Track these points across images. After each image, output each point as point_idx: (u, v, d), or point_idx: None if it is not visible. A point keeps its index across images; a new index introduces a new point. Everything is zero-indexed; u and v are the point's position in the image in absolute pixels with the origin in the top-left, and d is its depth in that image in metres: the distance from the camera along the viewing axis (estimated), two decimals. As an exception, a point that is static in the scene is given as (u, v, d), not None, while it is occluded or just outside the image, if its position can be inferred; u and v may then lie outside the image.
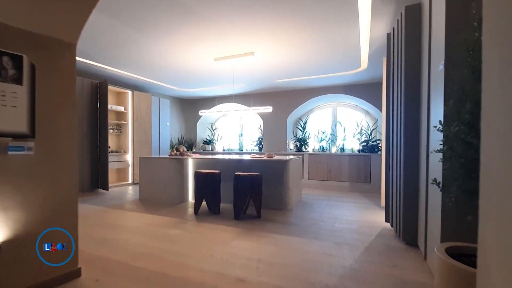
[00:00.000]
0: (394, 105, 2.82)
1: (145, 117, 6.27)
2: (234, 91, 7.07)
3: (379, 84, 5.95)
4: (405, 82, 2.42)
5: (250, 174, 3.24)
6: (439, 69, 1.68)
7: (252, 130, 7.99)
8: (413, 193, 2.37)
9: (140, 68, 5.10)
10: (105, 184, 5.13)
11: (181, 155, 4.48)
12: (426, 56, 2.09)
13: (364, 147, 6.37)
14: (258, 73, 5.30)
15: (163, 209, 3.77)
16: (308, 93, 6.73)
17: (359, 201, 4.33)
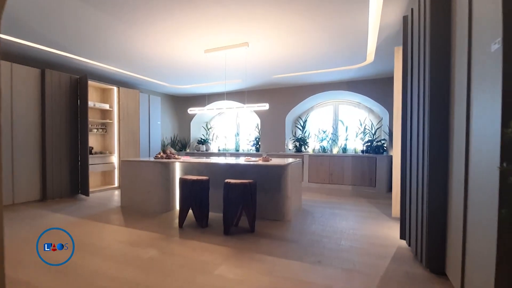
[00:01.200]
0: (413, 102, 2.37)
1: (132, 115, 5.80)
2: (227, 88, 6.60)
3: (385, 79, 5.50)
4: (431, 72, 1.97)
5: (242, 182, 2.79)
6: (493, 48, 1.23)
7: (249, 129, 7.53)
8: (440, 206, 1.93)
9: (124, 62, 4.63)
10: (85, 189, 4.68)
11: (168, 157, 4.02)
12: (463, 38, 1.64)
13: (368, 147, 5.92)
14: (254, 67, 4.83)
15: (144, 221, 3.32)
16: (308, 89, 6.27)
17: (366, 209, 3.89)
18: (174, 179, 3.96)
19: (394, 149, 3.32)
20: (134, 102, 5.83)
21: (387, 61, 4.46)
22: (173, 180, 3.93)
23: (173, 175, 3.96)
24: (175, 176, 3.98)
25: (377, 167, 5.29)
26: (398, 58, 3.27)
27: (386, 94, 5.56)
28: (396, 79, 3.32)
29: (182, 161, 3.62)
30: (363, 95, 5.78)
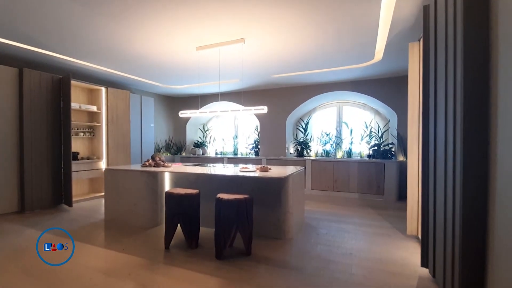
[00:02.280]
0: (437, 104, 1.99)
1: (122, 117, 5.42)
2: (223, 88, 6.21)
3: (394, 79, 5.13)
4: (464, 70, 1.58)
5: (236, 198, 2.41)
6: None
7: (248, 131, 7.15)
8: (479, 229, 1.55)
9: (112, 60, 4.24)
10: (68, 199, 4.30)
11: (157, 165, 3.64)
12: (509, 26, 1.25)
13: (374, 152, 5.54)
14: (251, 66, 4.45)
15: (126, 239, 2.94)
16: (310, 90, 5.89)
17: (376, 224, 3.51)
18: (163, 190, 3.58)
19: (410, 156, 2.93)
20: (124, 104, 5.45)
21: (396, 59, 4.08)
22: (162, 191, 3.55)
23: (162, 186, 3.58)
24: (164, 187, 3.60)
25: (385, 174, 4.91)
26: (413, 55, 2.89)
27: (395, 95, 5.18)
28: (411, 78, 2.93)
29: (171, 170, 3.24)
30: (369, 95, 5.40)
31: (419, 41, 2.84)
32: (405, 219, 3.64)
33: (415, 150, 2.87)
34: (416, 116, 2.85)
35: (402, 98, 5.09)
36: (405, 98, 5.17)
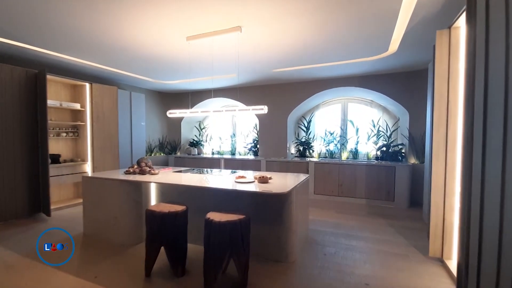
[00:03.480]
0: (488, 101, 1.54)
1: (109, 115, 4.97)
2: (217, 84, 5.74)
3: (407, 74, 4.67)
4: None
5: (229, 221, 1.98)
6: None
7: (247, 129, 6.70)
8: None
9: (93, 53, 3.77)
10: (46, 207, 3.88)
11: (142, 172, 3.21)
12: None
13: (383, 153, 5.11)
14: (249, 59, 3.99)
15: (103, 261, 2.53)
16: (314, 86, 5.42)
17: (390, 240, 3.10)
18: (148, 201, 3.15)
19: (435, 163, 2.48)
20: (111, 100, 4.98)
21: (412, 51, 3.62)
22: (147, 203, 3.13)
23: (147, 197, 3.16)
24: (150, 198, 3.18)
25: (395, 178, 4.49)
26: (441, 45, 2.43)
27: (407, 92, 4.73)
28: (438, 73, 2.47)
29: (155, 180, 2.81)
30: (378, 92, 4.94)
31: (449, 28, 2.38)
32: (421, 232, 3.25)
33: (442, 156, 2.43)
34: (444, 117, 2.41)
35: (416, 95, 4.64)
36: (419, 94, 4.73)
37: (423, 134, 4.56)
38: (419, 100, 4.60)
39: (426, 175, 3.59)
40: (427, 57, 3.80)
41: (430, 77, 3.47)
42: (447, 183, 2.41)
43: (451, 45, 2.37)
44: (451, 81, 2.35)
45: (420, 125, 4.64)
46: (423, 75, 4.50)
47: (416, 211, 4.20)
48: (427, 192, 3.34)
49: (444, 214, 2.45)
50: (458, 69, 2.34)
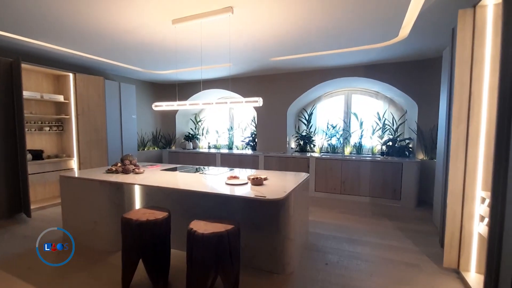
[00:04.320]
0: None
1: (95, 108, 4.65)
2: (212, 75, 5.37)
3: (417, 63, 4.31)
4: None
5: (215, 233, 1.69)
6: None
7: (245, 122, 6.38)
8: None
9: (72, 39, 3.42)
10: (26, 207, 3.61)
11: (125, 171, 2.91)
12: None
13: (389, 148, 4.80)
14: (244, 46, 3.63)
15: (79, 272, 2.26)
16: (315, 76, 5.07)
17: (399, 246, 2.82)
18: (132, 204, 2.87)
19: (454, 163, 2.16)
20: (97, 92, 4.65)
21: (426, 36, 3.26)
22: (130, 205, 2.84)
23: (130, 199, 2.87)
24: (133, 201, 2.89)
25: (403, 175, 4.18)
26: (464, 26, 2.08)
27: (416, 82, 4.37)
28: (460, 58, 2.12)
29: (136, 182, 2.51)
30: (384, 82, 4.58)
31: (473, 7, 2.03)
32: (432, 236, 2.97)
33: (461, 156, 2.12)
34: (466, 110, 2.08)
35: (426, 86, 4.29)
36: (430, 85, 4.29)
37: (433, 128, 4.24)
38: (430, 91, 4.25)
39: (438, 174, 3.29)
40: (441, 43, 3.44)
41: (445, 65, 3.12)
42: (466, 187, 2.10)
43: (476, 26, 2.03)
44: (475, 68, 2.02)
45: (430, 118, 4.30)
46: (435, 64, 4.14)
47: (424, 211, 3.91)
48: (440, 192, 3.04)
49: (462, 222, 2.16)
50: (484, 55, 2.00)
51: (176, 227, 2.22)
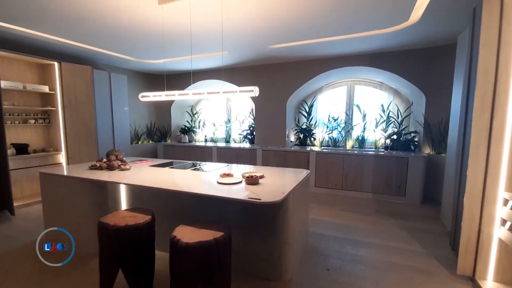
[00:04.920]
0: None
1: (83, 100, 4.39)
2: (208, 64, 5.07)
3: (427, 50, 4.05)
4: None
5: (201, 243, 1.46)
6: None
7: (243, 114, 6.12)
8: None
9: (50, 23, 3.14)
10: (9, 204, 3.40)
11: (110, 167, 2.68)
12: None
13: (393, 142, 4.56)
14: (240, 31, 3.35)
15: (57, 277, 2.06)
16: (317, 66, 4.78)
17: (404, 247, 2.62)
18: (117, 204, 2.65)
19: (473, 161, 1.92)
20: (85, 82, 4.38)
21: (439, 20, 2.98)
22: (115, 205, 2.62)
23: (115, 198, 2.65)
24: (119, 201, 2.67)
25: (408, 171, 3.96)
26: (490, 4, 1.81)
27: (424, 71, 4.10)
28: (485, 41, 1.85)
29: (116, 181, 2.28)
30: (390, 72, 4.31)
31: (502, -20, 1.76)
32: (441, 237, 2.77)
33: (483, 152, 1.89)
34: (490, 99, 1.83)
35: (435, 76, 4.03)
36: (440, 75, 3.90)
37: (442, 121, 3.99)
38: (439, 81, 3.98)
39: (448, 170, 3.06)
40: (455, 28, 3.16)
41: (460, 52, 2.86)
42: (487, 187, 1.88)
43: (504, 4, 1.76)
44: (502, 51, 1.76)
45: (438, 110, 4.05)
46: (446, 51, 3.86)
47: (430, 209, 3.70)
48: (450, 191, 2.83)
49: (481, 225, 1.94)
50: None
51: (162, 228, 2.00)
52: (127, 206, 2.65)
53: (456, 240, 2.35)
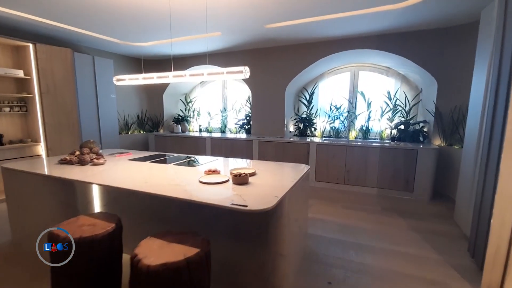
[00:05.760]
0: None
1: (63, 86, 4.02)
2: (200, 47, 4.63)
3: (442, 31, 3.64)
4: None
5: (168, 264, 1.14)
6: None
7: (240, 103, 5.75)
8: None
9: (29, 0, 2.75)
10: (-22, 202, 3.09)
11: (82, 162, 2.35)
12: None
13: (401, 132, 4.22)
14: (232, 7, 2.94)
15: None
16: (319, 49, 4.38)
17: (415, 253, 2.32)
18: (89, 205, 2.33)
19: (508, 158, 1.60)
20: (64, 66, 4.00)
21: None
22: (86, 206, 2.31)
23: (86, 199, 2.33)
24: (92, 201, 2.35)
25: (417, 164, 3.62)
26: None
27: (438, 54, 3.71)
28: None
29: (80, 179, 1.94)
30: (399, 55, 3.91)
31: None
32: (457, 241, 2.46)
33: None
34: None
35: (449, 59, 3.64)
36: (456, 58, 3.52)
37: (455, 110, 3.63)
38: (454, 65, 3.60)
39: (465, 165, 2.72)
40: (476, 1, 2.75)
41: (483, 30, 2.47)
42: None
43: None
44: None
45: (451, 97, 3.68)
46: (464, 31, 3.46)
47: (440, 206, 3.39)
48: (468, 188, 2.50)
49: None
50: None
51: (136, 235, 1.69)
52: (101, 208, 2.33)
53: (478, 247, 2.04)
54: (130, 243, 1.66)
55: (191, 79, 2.10)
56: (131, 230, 1.82)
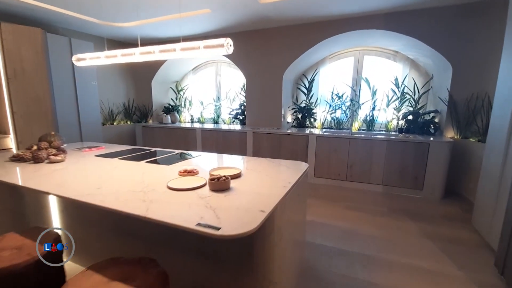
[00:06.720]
0: None
1: (33, 71, 3.58)
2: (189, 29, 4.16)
3: (462, 8, 3.20)
4: None
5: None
6: None
7: (234, 91, 5.34)
8: None
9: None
10: None
11: (36, 158, 1.96)
12: None
13: (409, 123, 3.83)
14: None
15: None
16: (320, 30, 3.93)
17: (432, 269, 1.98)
18: (45, 214, 1.95)
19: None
20: (34, 48, 3.56)
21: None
22: (39, 216, 1.93)
23: (40, 206, 1.95)
24: (48, 209, 1.97)
25: (428, 158, 3.25)
26: None
27: (455, 35, 3.28)
28: None
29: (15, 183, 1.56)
30: (410, 36, 3.47)
31: None
32: (479, 250, 2.11)
33: None
34: None
35: (469, 41, 3.22)
36: (476, 39, 3.09)
37: (472, 98, 3.24)
38: (474, 48, 3.18)
39: (488, 162, 2.34)
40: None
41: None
42: None
43: None
44: None
45: (468, 84, 3.28)
46: (488, 7, 3.02)
47: (454, 206, 3.04)
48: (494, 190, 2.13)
49: None
50: None
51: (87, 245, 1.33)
52: (60, 218, 1.96)
53: (508, 261, 1.70)
54: (83, 261, 1.30)
55: (160, 56, 1.69)
56: (84, 246, 1.46)
